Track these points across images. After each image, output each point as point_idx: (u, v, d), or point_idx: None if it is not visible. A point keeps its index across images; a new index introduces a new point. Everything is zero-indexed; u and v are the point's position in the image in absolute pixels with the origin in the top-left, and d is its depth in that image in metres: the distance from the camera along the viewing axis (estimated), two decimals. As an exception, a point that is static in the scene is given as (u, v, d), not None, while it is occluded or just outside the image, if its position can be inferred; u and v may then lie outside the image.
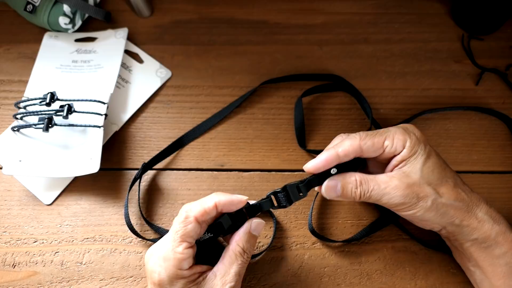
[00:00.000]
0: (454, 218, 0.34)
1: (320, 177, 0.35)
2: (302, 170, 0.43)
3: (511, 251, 0.33)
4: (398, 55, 0.50)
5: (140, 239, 0.40)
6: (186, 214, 0.32)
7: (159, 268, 0.31)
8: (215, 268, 0.33)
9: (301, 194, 0.35)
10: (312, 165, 0.35)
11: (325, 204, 0.42)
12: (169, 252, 0.31)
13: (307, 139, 0.45)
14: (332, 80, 0.48)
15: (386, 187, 0.33)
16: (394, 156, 0.35)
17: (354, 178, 0.34)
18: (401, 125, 0.36)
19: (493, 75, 0.49)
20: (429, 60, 0.50)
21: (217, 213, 0.33)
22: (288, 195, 0.35)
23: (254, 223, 0.34)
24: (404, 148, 0.34)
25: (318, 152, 0.43)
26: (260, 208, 0.35)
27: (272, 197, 0.35)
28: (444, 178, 0.34)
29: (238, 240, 0.33)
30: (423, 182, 0.33)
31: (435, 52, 0.50)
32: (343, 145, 0.34)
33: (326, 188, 0.35)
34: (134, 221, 0.41)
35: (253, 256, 0.40)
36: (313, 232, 0.40)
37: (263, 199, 0.35)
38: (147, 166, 0.43)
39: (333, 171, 0.35)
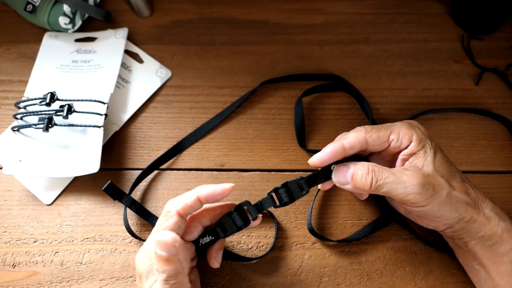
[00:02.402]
0: (465, 214, 0.33)
1: (322, 173, 0.35)
2: (303, 170, 0.44)
3: None
4: (398, 55, 0.50)
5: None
6: (168, 209, 0.32)
7: (140, 260, 0.32)
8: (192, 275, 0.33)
9: (303, 191, 0.34)
10: (318, 158, 0.34)
11: (325, 204, 0.42)
12: (150, 245, 0.32)
13: (307, 139, 0.45)
14: (332, 80, 0.48)
15: (401, 175, 0.32)
16: (400, 151, 0.34)
17: (366, 165, 0.33)
18: (405, 120, 0.36)
19: (493, 75, 0.49)
20: (429, 60, 0.50)
21: (201, 206, 0.33)
22: (289, 191, 0.34)
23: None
24: (410, 142, 0.34)
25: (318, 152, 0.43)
26: (262, 206, 0.34)
27: (273, 194, 0.35)
28: (452, 172, 0.34)
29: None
30: (437, 175, 0.33)
31: (435, 52, 0.50)
32: (349, 137, 0.34)
33: (337, 172, 0.34)
34: (134, 220, 0.41)
35: (255, 258, 0.40)
36: (312, 232, 0.40)
37: (264, 198, 0.35)
38: (145, 173, 0.43)
39: (333, 167, 0.35)
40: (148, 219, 0.41)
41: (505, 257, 0.34)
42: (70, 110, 0.42)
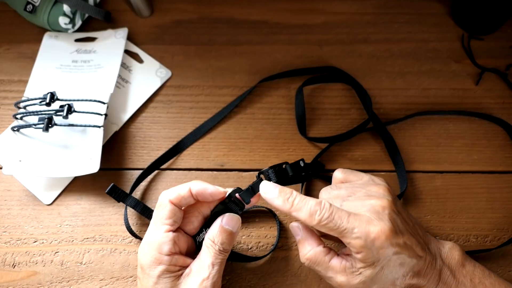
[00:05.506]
0: None
1: (311, 166, 0.36)
2: (302, 170, 0.44)
3: None
4: (398, 55, 0.50)
5: (140, 239, 0.40)
6: (161, 200, 0.33)
7: (142, 252, 0.32)
8: (192, 263, 0.33)
9: (290, 174, 0.36)
10: (268, 198, 0.33)
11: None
12: (150, 236, 0.32)
13: (307, 129, 0.46)
14: (331, 72, 0.48)
15: (330, 275, 0.32)
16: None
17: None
18: (370, 234, 0.30)
19: (493, 75, 0.49)
20: (429, 60, 0.50)
21: (194, 200, 0.33)
22: (276, 171, 0.35)
23: (226, 217, 0.33)
24: (358, 254, 0.30)
25: (318, 140, 0.44)
26: (253, 190, 0.34)
27: (262, 176, 0.35)
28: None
29: (209, 233, 0.33)
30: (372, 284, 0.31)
31: (435, 52, 0.50)
32: (300, 215, 0.32)
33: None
34: (134, 220, 0.41)
35: (259, 258, 0.40)
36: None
37: (254, 181, 0.34)
38: (146, 173, 0.43)
39: (301, 163, 0.37)
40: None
41: None
42: (70, 110, 0.42)
